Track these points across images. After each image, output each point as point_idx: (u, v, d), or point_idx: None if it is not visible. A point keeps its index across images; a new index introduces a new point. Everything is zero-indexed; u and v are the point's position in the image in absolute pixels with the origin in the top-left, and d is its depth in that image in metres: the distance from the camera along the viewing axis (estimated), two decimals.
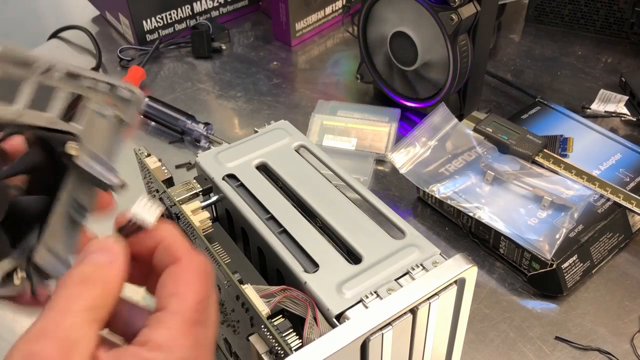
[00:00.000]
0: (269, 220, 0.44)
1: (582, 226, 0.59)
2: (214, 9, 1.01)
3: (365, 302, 0.37)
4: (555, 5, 0.95)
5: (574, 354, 0.54)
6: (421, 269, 0.39)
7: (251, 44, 0.98)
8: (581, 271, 0.59)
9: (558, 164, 0.64)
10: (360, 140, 0.75)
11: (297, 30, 0.96)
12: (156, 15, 0.95)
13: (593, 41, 0.94)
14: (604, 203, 0.61)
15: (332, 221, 0.44)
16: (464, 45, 0.70)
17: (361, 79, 0.83)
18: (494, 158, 0.65)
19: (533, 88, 0.84)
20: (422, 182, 0.65)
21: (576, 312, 0.58)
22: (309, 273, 0.40)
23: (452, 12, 0.67)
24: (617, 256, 0.62)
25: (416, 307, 0.37)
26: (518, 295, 0.59)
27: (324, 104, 0.81)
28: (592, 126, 0.72)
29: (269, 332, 0.37)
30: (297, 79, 0.91)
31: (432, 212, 0.68)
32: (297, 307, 0.38)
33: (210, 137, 0.77)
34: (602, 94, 0.82)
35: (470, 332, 0.55)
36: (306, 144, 0.51)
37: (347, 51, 0.96)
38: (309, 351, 0.34)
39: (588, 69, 0.89)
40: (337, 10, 1.02)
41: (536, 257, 0.57)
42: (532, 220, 0.60)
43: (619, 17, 0.91)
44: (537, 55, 0.92)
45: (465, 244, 0.64)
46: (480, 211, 0.61)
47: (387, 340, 0.37)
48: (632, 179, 0.64)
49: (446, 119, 0.69)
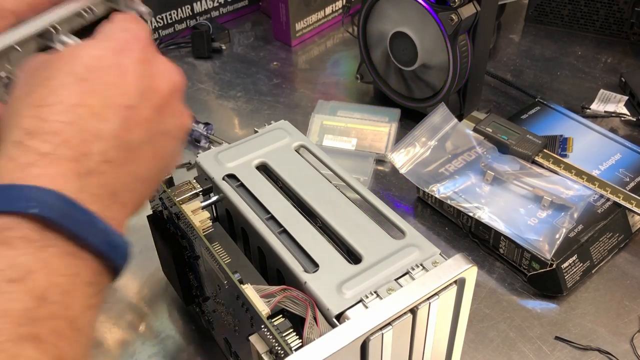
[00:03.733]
0: (269, 220, 0.44)
1: (582, 226, 0.59)
2: (214, 9, 1.01)
3: (365, 302, 0.37)
4: (555, 5, 0.95)
5: (574, 354, 0.54)
6: (421, 269, 0.39)
7: (251, 44, 0.98)
8: (581, 271, 0.59)
9: (558, 164, 0.64)
10: (360, 140, 0.75)
11: (297, 30, 0.96)
12: (156, 16, 0.95)
13: (593, 41, 0.94)
14: (603, 203, 0.61)
15: (332, 221, 0.44)
16: (464, 45, 0.70)
17: (361, 79, 0.83)
18: (493, 158, 0.65)
19: (533, 88, 0.84)
20: (422, 182, 0.65)
21: (576, 312, 0.58)
22: (309, 273, 0.40)
23: (452, 12, 0.67)
24: (617, 256, 0.62)
25: (416, 307, 0.37)
26: (518, 295, 0.59)
27: (324, 104, 0.81)
28: (592, 126, 0.72)
29: (269, 332, 0.37)
30: (297, 79, 0.91)
31: (432, 212, 0.68)
32: (297, 307, 0.38)
33: (211, 137, 0.77)
34: (602, 94, 0.82)
35: (470, 332, 0.55)
36: (306, 144, 0.51)
37: (347, 51, 0.96)
38: (309, 351, 0.34)
39: (588, 69, 0.89)
40: (337, 10, 1.02)
41: (536, 257, 0.57)
42: (532, 220, 0.60)
43: (618, 17, 0.91)
44: (537, 55, 0.92)
45: (465, 244, 0.64)
46: (480, 211, 0.61)
47: (387, 340, 0.37)
48: (632, 179, 0.64)
49: (446, 119, 0.69)
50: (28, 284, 0.26)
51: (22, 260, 0.26)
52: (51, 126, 0.29)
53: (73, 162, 0.29)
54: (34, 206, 0.27)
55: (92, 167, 0.29)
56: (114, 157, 0.31)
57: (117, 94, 0.32)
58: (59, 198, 0.28)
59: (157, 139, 0.34)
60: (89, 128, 0.30)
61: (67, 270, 0.27)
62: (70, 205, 0.28)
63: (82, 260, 0.28)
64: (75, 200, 0.28)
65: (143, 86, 0.33)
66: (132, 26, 0.35)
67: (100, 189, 0.30)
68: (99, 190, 0.30)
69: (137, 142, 0.32)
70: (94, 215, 0.29)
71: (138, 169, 0.32)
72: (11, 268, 0.26)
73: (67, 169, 0.29)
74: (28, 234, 0.27)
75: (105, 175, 0.30)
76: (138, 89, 0.32)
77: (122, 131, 0.31)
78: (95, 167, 0.30)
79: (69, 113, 0.30)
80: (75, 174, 0.29)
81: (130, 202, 0.32)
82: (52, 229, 0.27)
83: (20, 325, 0.25)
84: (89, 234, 0.28)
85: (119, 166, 0.31)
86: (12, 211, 0.27)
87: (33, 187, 0.27)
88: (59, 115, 0.29)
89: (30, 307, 0.26)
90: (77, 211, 0.28)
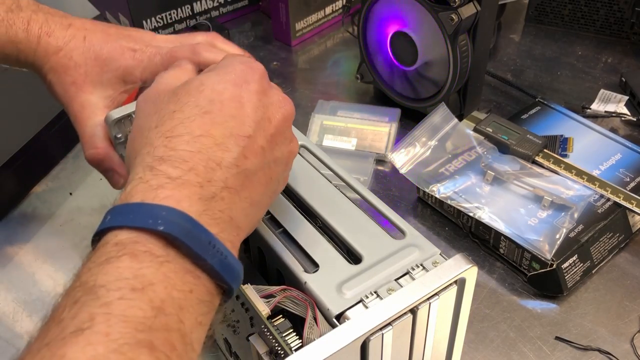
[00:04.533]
0: (269, 220, 0.44)
1: (582, 226, 0.59)
2: (214, 9, 1.01)
3: (365, 302, 0.37)
4: (555, 5, 0.95)
5: (574, 354, 0.54)
6: (421, 269, 0.39)
7: (251, 44, 0.98)
8: (581, 271, 0.59)
9: (558, 164, 0.64)
10: (360, 140, 0.75)
11: (297, 30, 0.96)
12: (156, 15, 0.95)
13: (593, 41, 0.94)
14: (604, 203, 0.61)
15: (332, 221, 0.44)
16: (464, 45, 0.70)
17: (361, 79, 0.83)
18: (494, 158, 0.65)
19: (533, 88, 0.84)
20: (422, 182, 0.65)
21: (576, 312, 0.57)
22: (309, 273, 0.40)
23: (452, 12, 0.67)
24: (617, 256, 0.62)
25: (416, 307, 0.37)
26: (518, 295, 0.59)
27: (324, 104, 0.81)
28: (592, 126, 0.72)
29: (269, 332, 0.37)
30: (297, 79, 0.91)
31: (432, 212, 0.68)
32: (297, 307, 0.38)
33: None
34: (602, 94, 0.82)
35: (470, 332, 0.55)
36: (306, 144, 0.51)
37: (347, 51, 0.96)
38: (309, 351, 0.34)
39: (588, 69, 0.89)
40: (337, 10, 1.02)
41: (536, 257, 0.57)
42: (532, 220, 0.60)
43: (619, 17, 0.91)
44: (537, 55, 0.92)
45: (465, 244, 0.64)
46: (480, 211, 0.61)
47: (387, 340, 0.37)
48: (632, 179, 0.64)
49: (446, 119, 0.69)
50: (149, 294, 0.28)
51: (145, 272, 0.28)
52: (180, 154, 0.32)
53: (198, 187, 0.32)
54: (162, 224, 0.29)
55: (214, 192, 0.32)
56: (233, 183, 0.33)
57: (237, 125, 0.35)
58: (184, 218, 0.30)
59: (270, 165, 0.37)
60: (213, 157, 0.33)
61: (183, 286, 0.29)
62: (193, 225, 0.30)
63: (199, 278, 0.30)
64: (198, 222, 0.30)
65: (259, 116, 0.36)
66: (248, 59, 0.39)
67: (220, 213, 0.32)
68: (219, 214, 0.32)
69: (253, 169, 0.35)
70: (213, 236, 0.31)
71: (252, 194, 0.35)
72: (136, 278, 0.28)
73: (193, 193, 0.31)
74: (152, 249, 0.29)
75: (225, 201, 0.33)
76: (255, 120, 0.35)
77: (241, 159, 0.34)
78: (216, 193, 0.32)
79: (195, 143, 0.33)
80: (199, 198, 0.31)
81: (244, 225, 0.35)
82: (174, 246, 0.30)
83: (138, 331, 0.27)
84: (207, 254, 0.30)
85: (237, 192, 0.34)
86: (142, 227, 0.29)
87: (162, 207, 0.30)
88: (186, 145, 0.33)
89: (148, 316, 0.27)
90: (199, 232, 0.30)
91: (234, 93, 0.36)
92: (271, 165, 0.37)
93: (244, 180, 0.34)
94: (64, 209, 0.69)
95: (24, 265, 0.63)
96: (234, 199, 0.33)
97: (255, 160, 0.35)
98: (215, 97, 0.35)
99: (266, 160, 0.36)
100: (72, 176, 0.73)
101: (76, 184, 0.72)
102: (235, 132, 0.34)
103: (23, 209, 0.69)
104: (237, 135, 0.34)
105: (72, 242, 0.65)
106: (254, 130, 0.35)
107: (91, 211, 0.69)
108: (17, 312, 0.59)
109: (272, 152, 0.37)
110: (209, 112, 0.34)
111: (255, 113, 0.36)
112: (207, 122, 0.34)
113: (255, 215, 0.37)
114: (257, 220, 0.38)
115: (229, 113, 0.35)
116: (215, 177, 0.32)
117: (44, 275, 0.62)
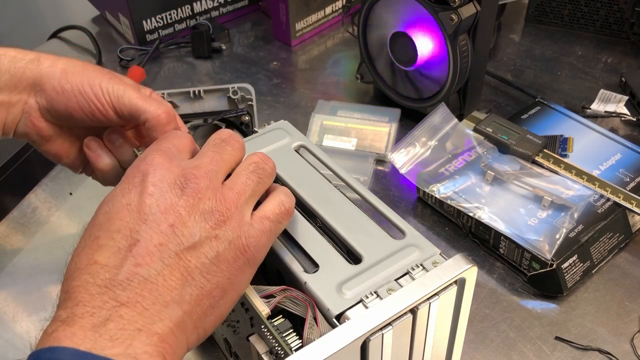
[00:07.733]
0: None
1: (582, 226, 0.59)
2: (214, 9, 1.01)
3: (365, 302, 0.37)
4: (555, 5, 0.95)
5: (574, 354, 0.54)
6: (421, 269, 0.39)
7: (251, 44, 0.98)
8: (581, 271, 0.59)
9: (558, 164, 0.64)
10: (360, 140, 0.75)
11: (297, 30, 0.96)
12: (156, 15, 0.95)
13: (593, 41, 0.94)
14: (604, 203, 0.61)
15: (332, 221, 0.44)
16: (464, 45, 0.70)
17: (361, 79, 0.83)
18: (494, 158, 0.65)
19: (533, 88, 0.84)
20: (422, 182, 0.65)
21: (576, 312, 0.58)
22: (309, 273, 0.40)
23: (452, 12, 0.67)
24: (617, 256, 0.62)
25: (416, 307, 0.37)
26: (518, 295, 0.59)
27: (324, 104, 0.81)
28: (592, 126, 0.72)
29: (269, 332, 0.37)
30: (297, 79, 0.91)
31: (432, 212, 0.68)
32: (297, 307, 0.38)
33: None
34: (602, 94, 0.82)
35: (470, 332, 0.55)
36: (306, 144, 0.51)
37: (347, 51, 0.96)
38: (309, 351, 0.34)
39: (588, 69, 0.89)
40: (337, 10, 1.02)
41: (536, 257, 0.57)
42: (532, 220, 0.60)
43: (619, 17, 0.91)
44: (537, 55, 0.92)
45: (465, 244, 0.64)
46: (480, 211, 0.61)
47: (387, 340, 0.37)
48: (632, 179, 0.64)
49: (446, 119, 0.69)
50: None
51: None
52: (70, 295, 0.33)
53: (88, 317, 0.32)
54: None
55: (107, 315, 0.32)
56: (129, 297, 0.33)
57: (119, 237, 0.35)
58: (69, 352, 0.31)
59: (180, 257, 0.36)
60: (98, 281, 0.33)
61: None
62: (81, 356, 0.31)
63: None
64: (86, 351, 0.31)
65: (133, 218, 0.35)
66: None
67: (122, 331, 0.33)
68: (120, 332, 0.32)
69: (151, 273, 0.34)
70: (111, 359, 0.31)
71: (163, 295, 0.34)
72: None
73: (83, 325, 0.32)
74: None
75: (125, 317, 0.33)
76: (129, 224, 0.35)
77: (130, 270, 0.34)
78: (111, 314, 0.33)
79: (81, 275, 0.34)
80: (92, 326, 0.32)
81: (167, 326, 0.34)
82: None
83: None
84: None
85: (137, 302, 0.33)
86: None
87: (44, 349, 0.31)
88: (73, 281, 0.34)
89: None
90: (91, 358, 0.31)
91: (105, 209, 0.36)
92: (183, 257, 0.34)
93: (143, 289, 0.33)
94: (64, 209, 0.69)
95: (24, 265, 0.63)
96: (137, 309, 0.32)
97: (151, 261, 0.33)
98: (100, 218, 0.36)
99: (168, 254, 0.34)
100: (72, 176, 0.73)
101: (76, 184, 0.72)
102: (115, 245, 0.34)
103: (23, 209, 0.69)
104: (118, 249, 0.34)
105: (72, 242, 0.65)
106: (137, 234, 0.34)
107: (91, 211, 0.69)
108: (17, 312, 0.59)
109: (179, 241, 0.34)
110: (97, 237, 0.35)
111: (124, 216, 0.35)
112: (94, 247, 0.34)
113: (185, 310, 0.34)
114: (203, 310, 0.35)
115: (107, 228, 0.35)
116: (104, 299, 0.32)
117: (44, 276, 0.62)
